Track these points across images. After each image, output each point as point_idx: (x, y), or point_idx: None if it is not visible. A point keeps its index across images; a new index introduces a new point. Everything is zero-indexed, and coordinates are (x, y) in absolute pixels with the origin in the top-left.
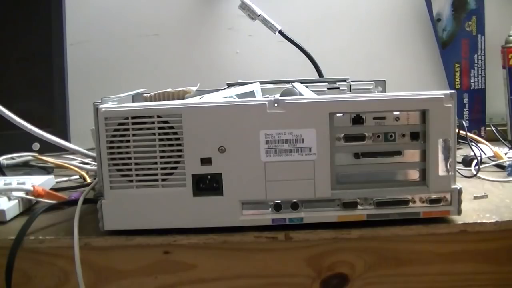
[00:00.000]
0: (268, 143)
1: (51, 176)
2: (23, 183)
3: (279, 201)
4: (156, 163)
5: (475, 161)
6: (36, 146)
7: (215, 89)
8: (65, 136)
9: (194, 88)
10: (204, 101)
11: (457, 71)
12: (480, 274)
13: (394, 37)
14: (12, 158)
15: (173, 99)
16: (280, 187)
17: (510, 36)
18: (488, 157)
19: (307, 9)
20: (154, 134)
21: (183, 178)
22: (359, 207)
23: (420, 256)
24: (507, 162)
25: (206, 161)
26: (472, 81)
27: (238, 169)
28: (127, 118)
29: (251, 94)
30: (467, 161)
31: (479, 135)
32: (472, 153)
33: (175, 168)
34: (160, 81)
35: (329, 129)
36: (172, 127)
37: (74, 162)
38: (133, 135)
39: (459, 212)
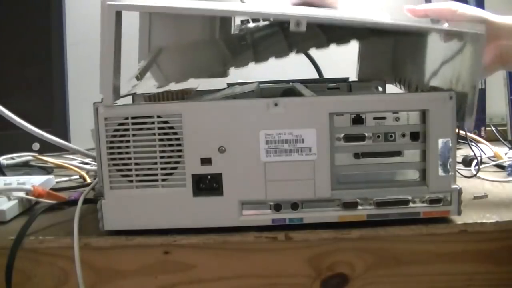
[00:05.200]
0: (268, 143)
1: (51, 176)
2: (23, 183)
3: (279, 201)
4: (156, 163)
5: (475, 161)
6: (36, 146)
7: (215, 89)
8: (65, 136)
9: (194, 88)
10: (204, 101)
11: None
12: (480, 274)
13: None
14: (12, 158)
15: (173, 99)
16: (280, 187)
17: None
18: (488, 157)
19: None
20: (154, 134)
21: (183, 178)
22: (359, 207)
23: (420, 256)
24: (507, 162)
25: (206, 161)
26: None
27: (238, 169)
28: (127, 118)
29: (251, 94)
30: (467, 161)
31: (479, 135)
32: (472, 153)
33: (175, 168)
34: None
35: (329, 129)
36: (172, 127)
37: (74, 162)
38: (133, 135)
39: (459, 212)
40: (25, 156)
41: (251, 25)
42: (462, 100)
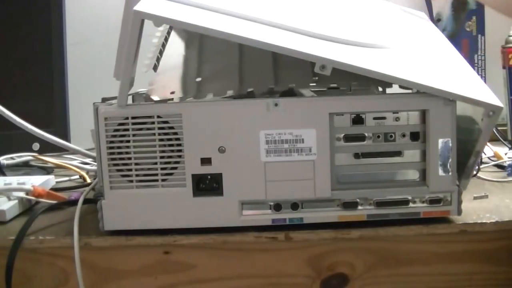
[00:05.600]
0: (268, 143)
1: (51, 176)
2: (23, 183)
3: (279, 201)
4: (156, 163)
5: None
6: (36, 146)
7: None
8: (65, 136)
9: None
10: (204, 101)
11: None
12: (480, 274)
13: None
14: (12, 158)
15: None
16: (280, 187)
17: (510, 36)
18: (488, 157)
19: None
20: (154, 134)
21: (183, 178)
22: (359, 207)
23: (420, 256)
24: (507, 162)
25: (206, 161)
26: None
27: (238, 169)
28: (127, 118)
29: (251, 94)
30: None
31: None
32: None
33: (175, 168)
34: None
35: (329, 129)
36: (172, 127)
37: (74, 162)
38: (133, 135)
39: (459, 212)
40: (25, 156)
41: None
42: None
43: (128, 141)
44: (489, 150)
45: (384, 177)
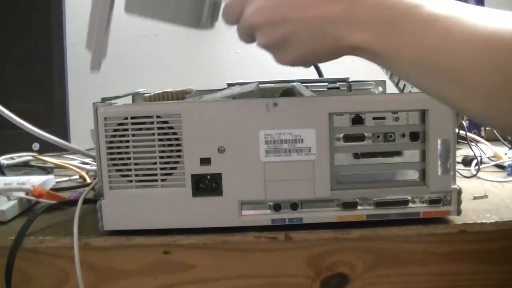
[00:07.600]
0: (267, 143)
1: (51, 176)
2: (23, 183)
3: (279, 201)
4: (155, 163)
5: (475, 161)
6: (36, 146)
7: (215, 89)
8: (65, 136)
9: (194, 88)
10: (204, 101)
11: None
12: (480, 274)
13: None
14: (12, 158)
15: (173, 99)
16: (280, 187)
17: None
18: (488, 157)
19: None
20: (153, 134)
21: (183, 178)
22: (359, 207)
23: (420, 256)
24: (507, 162)
25: (205, 161)
26: None
27: (238, 169)
28: (126, 118)
29: (251, 94)
30: (467, 161)
31: (479, 135)
32: (472, 153)
33: (175, 168)
34: (160, 81)
35: (329, 129)
36: (171, 127)
37: (74, 162)
38: (133, 135)
39: (458, 212)
40: (25, 156)
41: None
42: None
43: (127, 141)
44: (489, 150)
45: (384, 177)
